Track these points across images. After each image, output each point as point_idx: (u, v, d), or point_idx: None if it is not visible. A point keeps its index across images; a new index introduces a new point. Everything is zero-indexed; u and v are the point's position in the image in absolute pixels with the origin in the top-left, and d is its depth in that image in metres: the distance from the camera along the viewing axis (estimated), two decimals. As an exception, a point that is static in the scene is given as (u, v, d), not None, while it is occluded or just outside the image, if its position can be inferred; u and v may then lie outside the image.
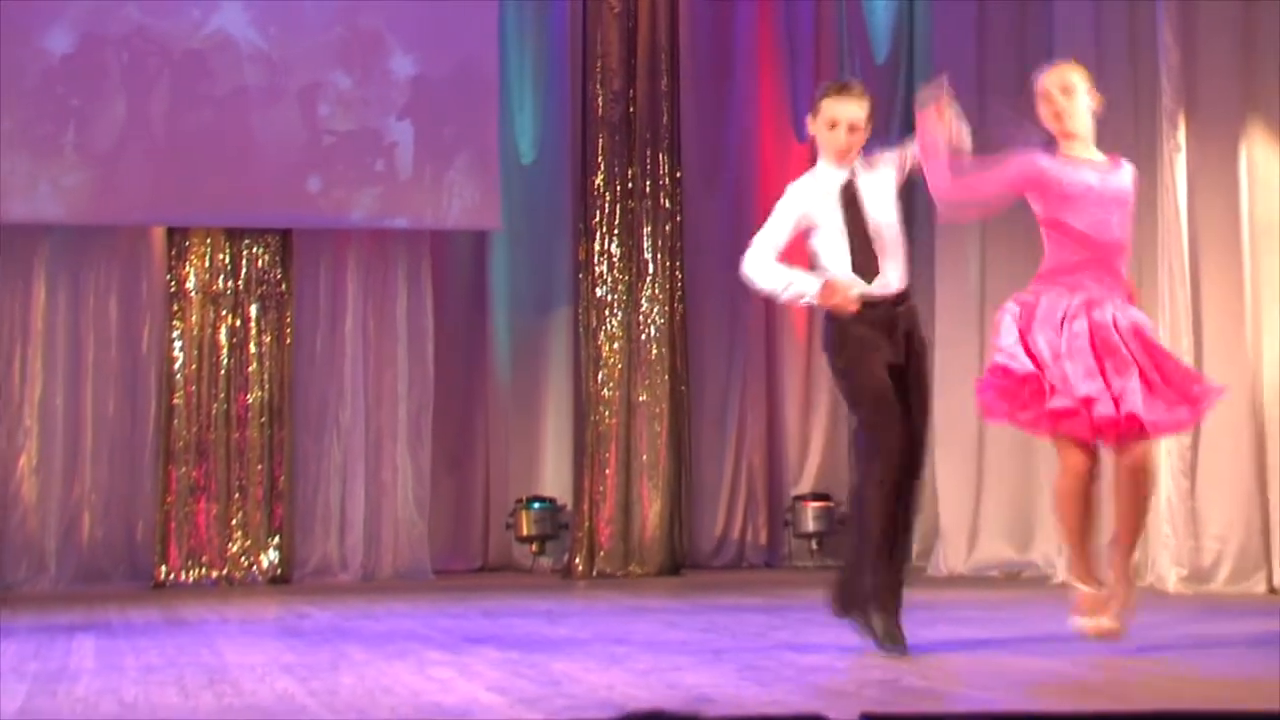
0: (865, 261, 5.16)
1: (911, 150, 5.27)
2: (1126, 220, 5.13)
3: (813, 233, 5.23)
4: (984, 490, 9.01)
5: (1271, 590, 7.33)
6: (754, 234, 5.34)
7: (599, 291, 9.42)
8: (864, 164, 5.25)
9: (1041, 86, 5.14)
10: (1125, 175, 5.17)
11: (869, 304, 5.12)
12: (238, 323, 9.15)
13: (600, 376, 9.38)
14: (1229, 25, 7.61)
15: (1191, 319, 7.58)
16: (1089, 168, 5.11)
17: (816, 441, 10.06)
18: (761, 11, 10.13)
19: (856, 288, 5.10)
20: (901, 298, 5.21)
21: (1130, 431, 4.93)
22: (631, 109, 9.50)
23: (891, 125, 10.14)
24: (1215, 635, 5.76)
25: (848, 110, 5.19)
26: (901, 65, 10.11)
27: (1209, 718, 2.87)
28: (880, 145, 5.36)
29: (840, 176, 5.22)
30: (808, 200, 5.22)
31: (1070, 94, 5.10)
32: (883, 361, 5.11)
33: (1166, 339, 7.76)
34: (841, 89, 5.23)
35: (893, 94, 10.12)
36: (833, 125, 5.19)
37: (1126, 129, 8.08)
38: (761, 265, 5.19)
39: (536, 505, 9.53)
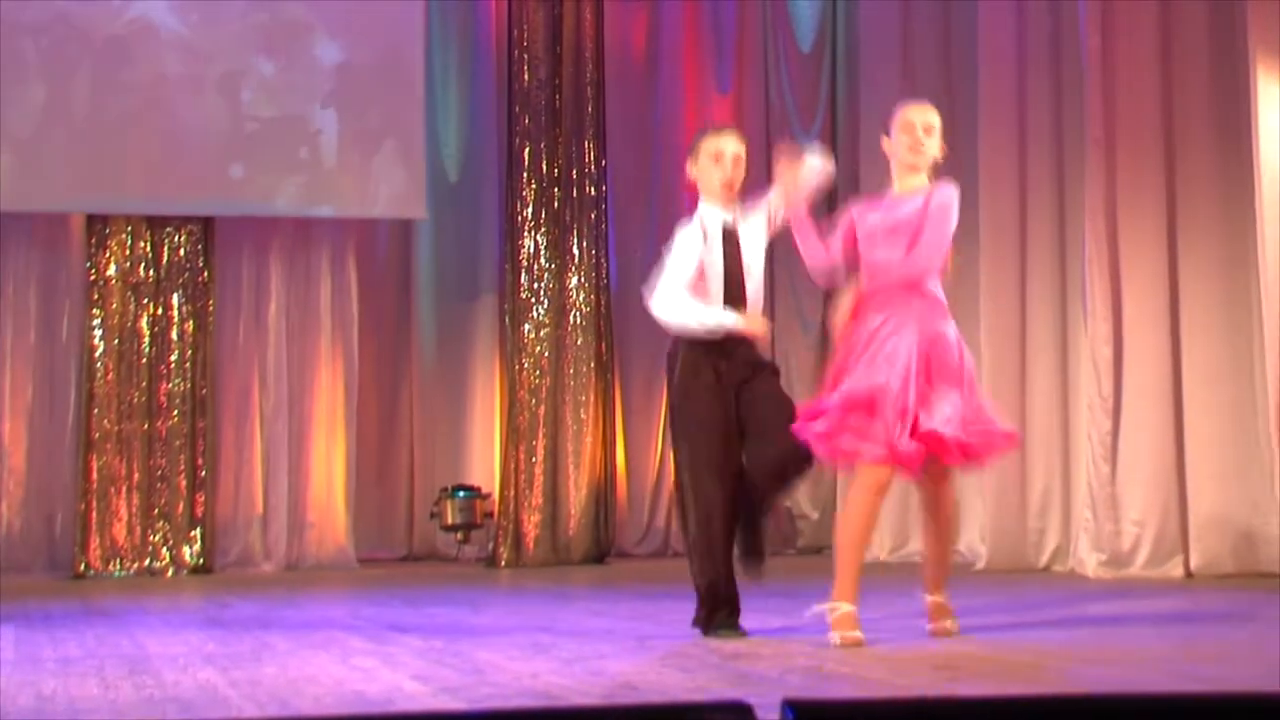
0: (734, 302, 5.36)
1: (777, 205, 5.41)
2: (928, 241, 5.20)
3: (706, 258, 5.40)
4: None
5: (1188, 574, 7.44)
6: (678, 222, 5.53)
7: (524, 279, 9.41)
8: (741, 210, 5.44)
9: (906, 118, 5.30)
10: (935, 198, 5.24)
11: (725, 342, 5.31)
12: (159, 311, 9.06)
13: (526, 365, 9.37)
14: (1148, 24, 7.69)
15: (1112, 307, 7.67)
16: (902, 201, 5.27)
17: (742, 430, 10.09)
18: (687, 2, 10.13)
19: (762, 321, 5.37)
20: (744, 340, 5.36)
21: (934, 453, 5.07)
22: (557, 97, 9.49)
23: (818, 114, 10.20)
24: (1131, 618, 5.84)
25: (730, 144, 5.44)
26: (826, 54, 10.16)
27: (1128, 700, 2.91)
28: (801, 137, 5.52)
29: (725, 218, 5.41)
30: (698, 241, 5.37)
31: (930, 133, 5.28)
32: (715, 399, 5.30)
33: (1081, 326, 7.86)
34: (720, 128, 5.53)
35: (817, 82, 10.17)
36: (718, 158, 5.36)
37: (1049, 126, 8.18)
38: (678, 301, 5.37)
39: (461, 494, 9.51)
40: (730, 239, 5.38)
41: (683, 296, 5.36)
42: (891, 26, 9.32)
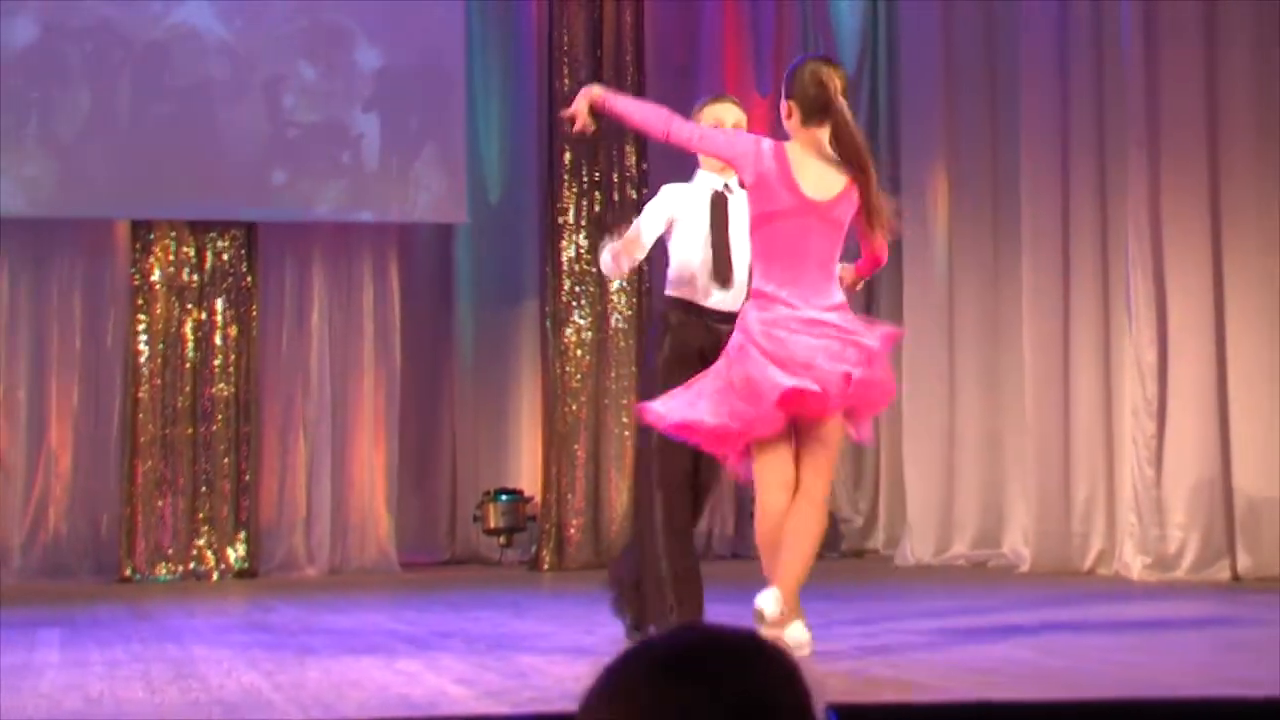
0: (721, 270, 5.26)
1: None
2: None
3: (672, 231, 5.32)
4: (952, 481, 9.04)
5: (1235, 577, 7.39)
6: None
7: (566, 283, 9.42)
8: (737, 184, 5.35)
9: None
10: None
11: (705, 312, 5.23)
12: (203, 316, 9.11)
13: (568, 368, 9.38)
14: (1192, 25, 7.65)
15: (1156, 310, 7.62)
16: None
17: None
18: (727, 4, 10.13)
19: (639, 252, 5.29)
20: (733, 317, 5.19)
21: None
22: (598, 101, 9.48)
23: (859, 114, 10.15)
24: (1177, 622, 5.81)
25: (731, 113, 5.38)
26: (867, 54, 10.13)
27: (1166, 704, 2.89)
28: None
29: (717, 183, 5.35)
30: (679, 201, 5.34)
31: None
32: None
33: (1125, 330, 7.82)
34: (720, 97, 5.47)
35: (859, 82, 10.14)
36: (717, 126, 5.27)
37: (1091, 128, 8.14)
38: (607, 251, 5.33)
39: (504, 498, 9.52)
40: (719, 206, 5.32)
41: (611, 247, 5.30)
42: (933, 28, 9.28)
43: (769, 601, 4.65)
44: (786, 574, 4.73)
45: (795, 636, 4.68)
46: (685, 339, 5.23)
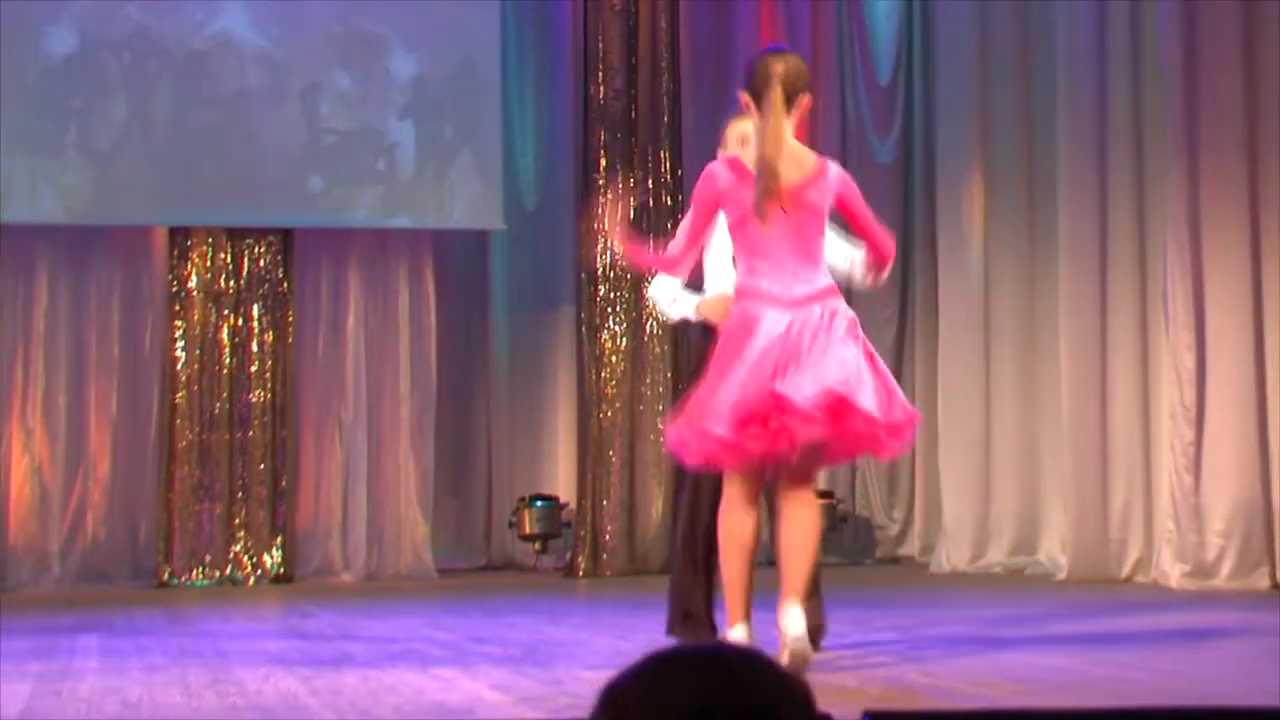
0: None
1: None
2: None
3: (708, 248, 5.29)
4: (989, 488, 9.00)
5: (1274, 585, 7.33)
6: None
7: (601, 289, 9.42)
8: None
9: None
10: None
11: None
12: (240, 322, 9.15)
13: (603, 374, 9.38)
14: (1231, 25, 7.60)
15: (1194, 315, 7.58)
16: None
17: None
18: (763, 10, 10.13)
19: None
20: None
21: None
22: (633, 107, 9.50)
23: (894, 122, 10.15)
24: (1216, 630, 5.77)
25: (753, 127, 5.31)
26: (902, 57, 10.11)
27: (1207, 713, 2.87)
28: (875, 141, 5.41)
29: None
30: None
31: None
32: None
33: (1163, 334, 7.78)
34: (740, 114, 5.34)
35: (894, 89, 10.11)
36: (744, 142, 5.26)
37: (1129, 131, 8.10)
38: (662, 285, 5.29)
39: (539, 504, 9.53)
40: None
41: (667, 283, 5.28)
42: (969, 30, 9.25)
43: (795, 622, 4.46)
44: (797, 582, 4.53)
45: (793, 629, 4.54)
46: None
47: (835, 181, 4.77)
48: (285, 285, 9.22)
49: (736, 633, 4.59)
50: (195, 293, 9.10)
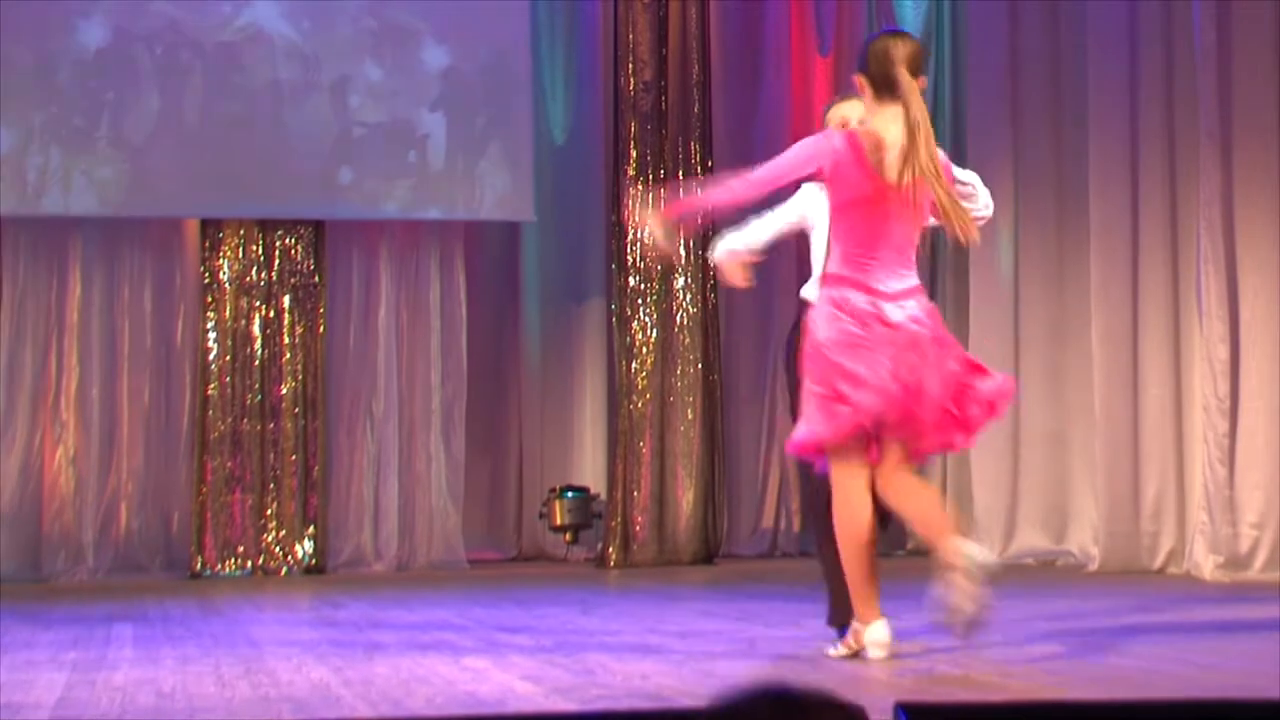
0: None
1: None
2: None
3: (812, 233, 5.26)
4: (1019, 479, 8.98)
5: (1308, 577, 7.30)
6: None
7: (632, 280, 9.43)
8: None
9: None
10: None
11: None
12: (271, 314, 9.19)
13: (633, 365, 9.39)
14: (1265, 15, 7.56)
15: (1227, 305, 7.54)
16: None
17: (849, 430, 10.03)
18: (792, 2, 10.10)
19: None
20: None
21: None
22: (663, 99, 9.50)
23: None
24: (1250, 623, 5.74)
25: (857, 110, 5.29)
26: (932, 50, 10.08)
27: (1242, 706, 2.87)
28: None
29: None
30: (816, 203, 5.20)
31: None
32: None
33: (1195, 326, 7.74)
34: (847, 95, 5.32)
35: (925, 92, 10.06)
36: (844, 125, 5.23)
37: (1160, 121, 8.06)
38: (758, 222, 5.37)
39: (570, 494, 9.54)
40: None
41: (760, 222, 5.34)
42: (998, 24, 9.22)
43: (975, 550, 4.44)
44: (940, 523, 4.58)
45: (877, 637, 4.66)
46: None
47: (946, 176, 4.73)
48: (316, 277, 9.25)
49: (876, 630, 4.64)
50: (227, 284, 9.14)
